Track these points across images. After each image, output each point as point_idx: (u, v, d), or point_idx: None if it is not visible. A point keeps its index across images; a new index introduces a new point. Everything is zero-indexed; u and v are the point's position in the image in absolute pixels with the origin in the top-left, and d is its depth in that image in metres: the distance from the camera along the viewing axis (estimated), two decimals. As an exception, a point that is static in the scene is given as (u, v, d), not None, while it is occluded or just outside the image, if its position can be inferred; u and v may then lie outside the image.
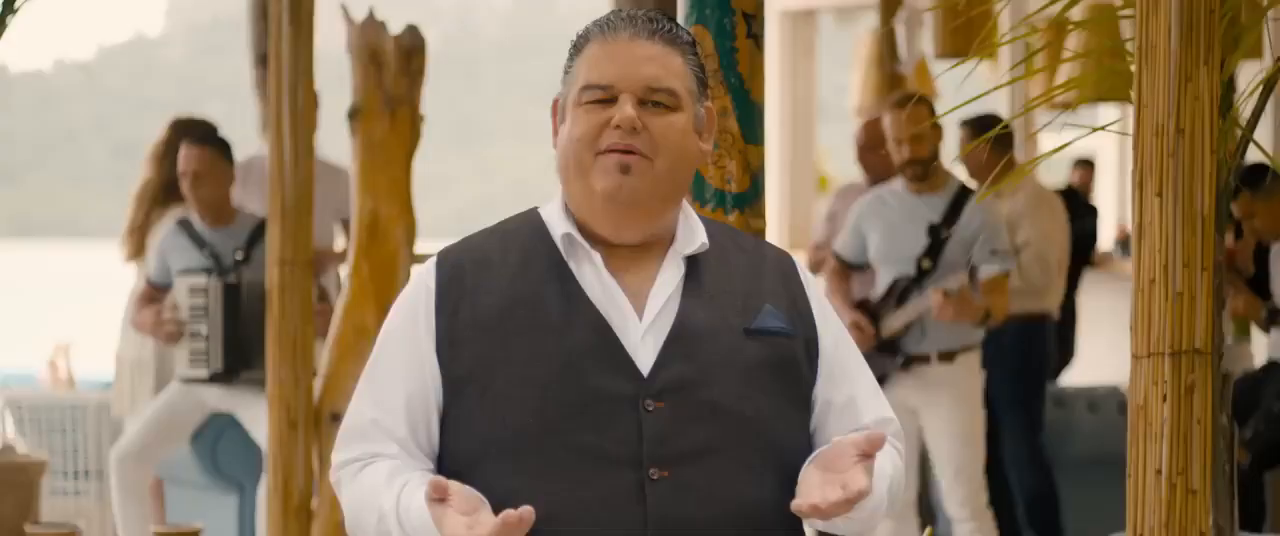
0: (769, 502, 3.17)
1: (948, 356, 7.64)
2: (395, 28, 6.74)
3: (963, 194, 7.67)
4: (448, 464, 3.21)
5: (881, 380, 7.62)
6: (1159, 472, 3.62)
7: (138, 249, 8.49)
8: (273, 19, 6.24)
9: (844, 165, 13.77)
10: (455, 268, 3.24)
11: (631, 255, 3.23)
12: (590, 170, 3.16)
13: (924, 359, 7.65)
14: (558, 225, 3.22)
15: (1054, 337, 9.09)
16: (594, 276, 3.19)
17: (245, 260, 7.80)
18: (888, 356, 7.69)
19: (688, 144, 3.22)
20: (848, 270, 7.98)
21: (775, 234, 15.11)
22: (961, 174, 8.24)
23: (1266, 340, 7.98)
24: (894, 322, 7.66)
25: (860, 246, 7.86)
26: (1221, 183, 3.92)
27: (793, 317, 3.27)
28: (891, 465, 3.28)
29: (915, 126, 7.48)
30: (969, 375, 7.70)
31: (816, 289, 3.36)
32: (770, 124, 15.76)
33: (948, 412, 7.64)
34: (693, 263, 3.24)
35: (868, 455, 3.06)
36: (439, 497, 3.00)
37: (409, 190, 6.67)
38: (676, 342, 3.17)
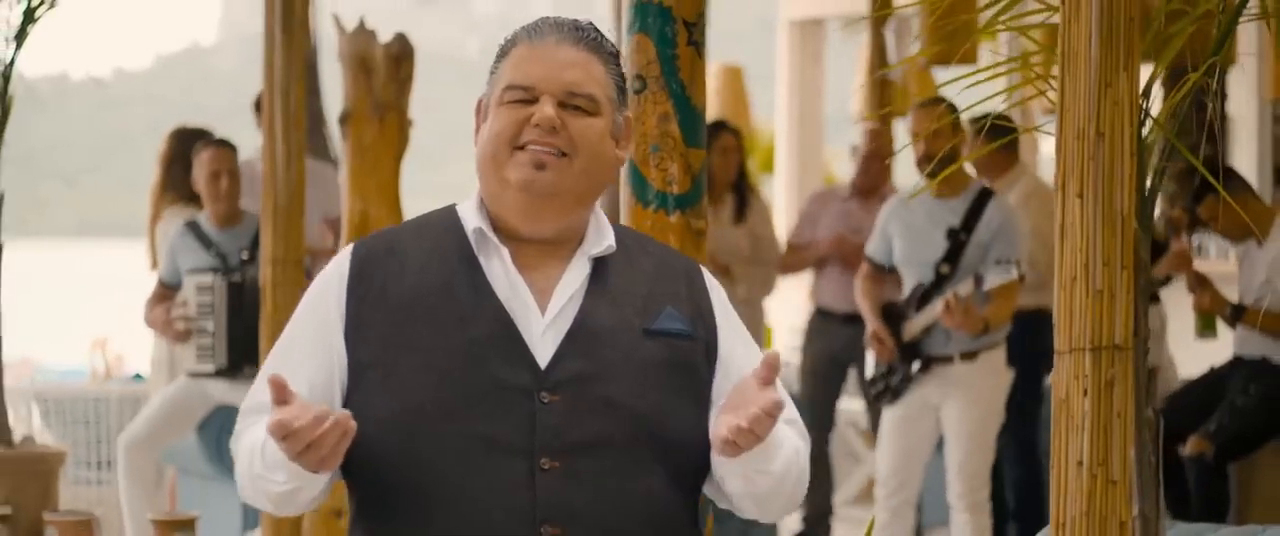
0: (658, 497, 3.16)
1: (970, 356, 7.62)
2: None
3: (982, 198, 7.63)
4: (350, 446, 3.10)
5: (906, 381, 7.69)
6: (1080, 463, 3.62)
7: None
8: (266, 27, 6.26)
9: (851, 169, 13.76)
10: (368, 255, 3.22)
11: (540, 253, 3.21)
12: (506, 164, 3.15)
13: (947, 359, 7.63)
14: (471, 220, 3.21)
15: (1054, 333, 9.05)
16: (501, 271, 3.18)
17: (250, 260, 7.83)
18: (912, 358, 7.68)
19: (604, 147, 3.21)
20: (879, 273, 7.95)
21: (784, 236, 15.10)
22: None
23: (1233, 335, 7.97)
24: (914, 326, 7.65)
25: (888, 249, 7.84)
26: (1148, 186, 3.91)
27: (694, 321, 3.24)
28: (792, 447, 3.23)
29: (932, 123, 7.43)
30: (990, 374, 7.64)
31: (722, 296, 3.34)
32: (780, 129, 15.78)
33: (962, 410, 7.62)
34: (599, 264, 3.22)
35: (768, 381, 3.03)
36: (281, 400, 2.96)
37: (397, 192, 6.67)
38: (576, 339, 3.15)
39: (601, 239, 3.23)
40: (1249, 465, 7.84)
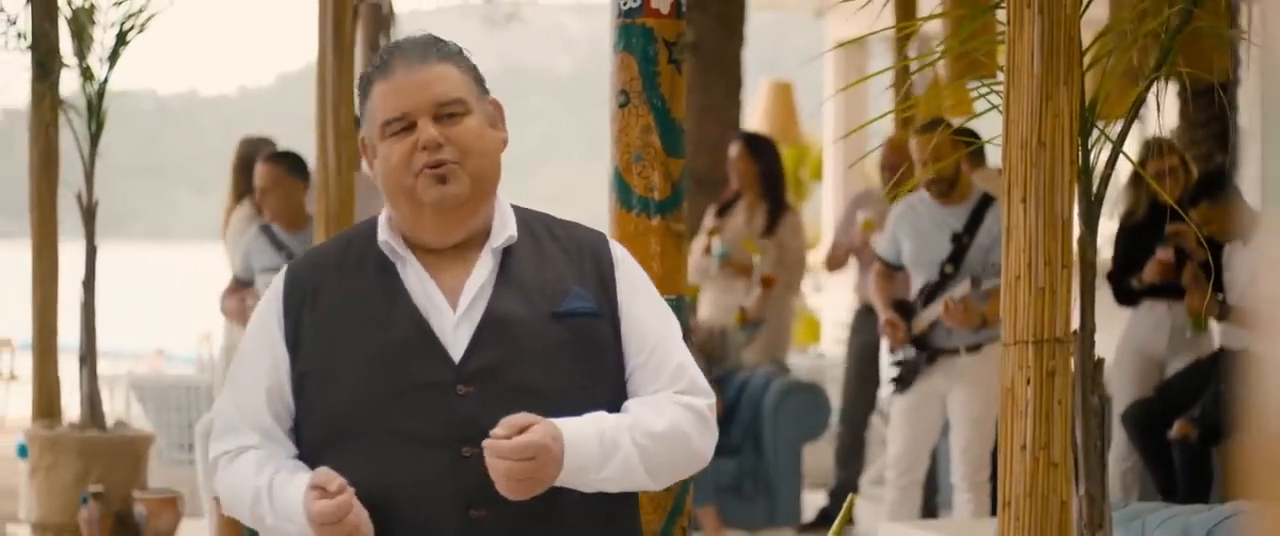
0: None
1: (974, 348, 7.63)
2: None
3: (984, 204, 7.63)
4: (302, 449, 3.21)
5: (914, 371, 7.68)
6: (1024, 447, 3.62)
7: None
8: (319, 49, 6.29)
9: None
10: (298, 277, 3.24)
11: (450, 254, 3.20)
12: (413, 190, 3.13)
13: (954, 351, 7.63)
14: (381, 234, 3.20)
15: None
16: (415, 276, 3.17)
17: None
18: (920, 350, 7.68)
19: (486, 140, 3.19)
20: (891, 271, 7.94)
21: (829, 239, 15.08)
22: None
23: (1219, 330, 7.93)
24: (921, 321, 7.65)
25: (897, 249, 7.84)
26: (1094, 191, 3.89)
27: (599, 297, 3.21)
28: (634, 445, 3.14)
29: (933, 148, 7.42)
30: (991, 364, 7.62)
31: (628, 265, 3.29)
32: (827, 140, 15.76)
33: (966, 398, 7.63)
34: (506, 254, 3.20)
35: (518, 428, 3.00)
36: (328, 493, 3.02)
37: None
38: (486, 331, 3.13)
39: (504, 230, 3.21)
40: (1231, 448, 7.81)
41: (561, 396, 3.12)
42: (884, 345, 7.98)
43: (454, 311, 3.15)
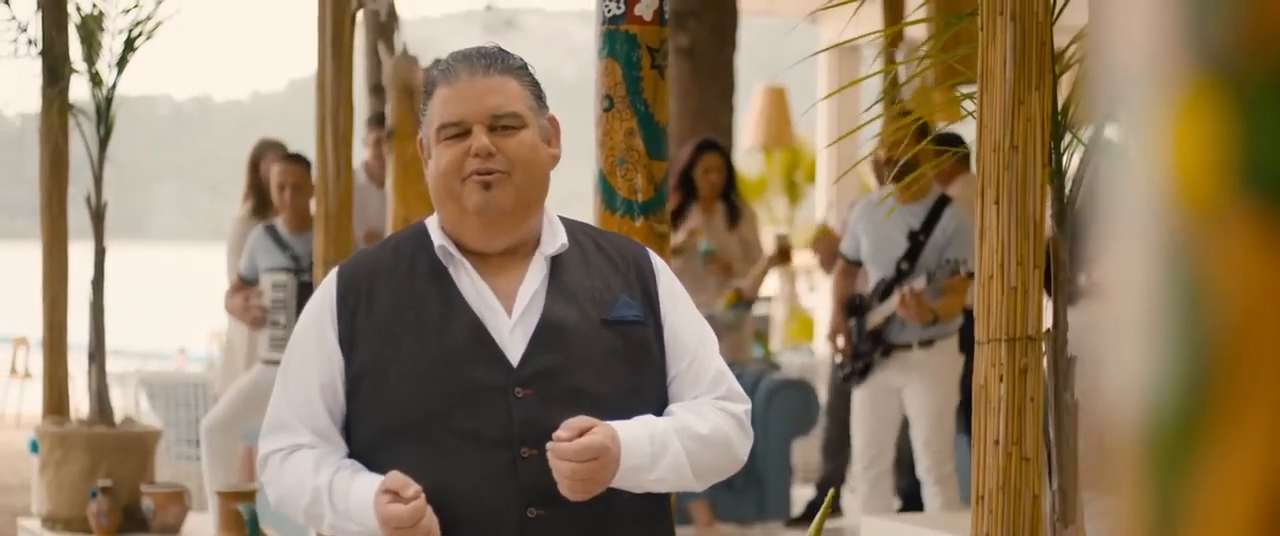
0: None
1: (927, 343, 7.62)
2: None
3: (941, 204, 7.63)
4: (353, 448, 3.21)
5: (869, 366, 7.70)
6: (997, 442, 3.61)
7: None
8: (318, 56, 6.29)
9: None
10: (352, 278, 3.23)
11: (501, 260, 3.21)
12: (460, 194, 3.14)
13: (907, 346, 7.63)
14: (436, 239, 3.21)
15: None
16: (469, 281, 3.18)
17: (322, 263, 7.90)
18: (875, 346, 7.69)
19: (538, 155, 3.21)
20: (852, 268, 7.96)
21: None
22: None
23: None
24: (877, 316, 7.66)
25: (857, 245, 7.86)
26: (1066, 193, 3.89)
27: (644, 305, 3.24)
28: (681, 448, 3.17)
29: (894, 131, 7.41)
30: (946, 359, 7.65)
31: (668, 275, 3.33)
32: (820, 144, 15.75)
33: (923, 392, 7.63)
34: (556, 263, 3.22)
35: (577, 430, 3.03)
36: (402, 499, 3.02)
37: (435, 202, 6.72)
38: (542, 335, 3.15)
39: (555, 239, 3.23)
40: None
41: (614, 400, 3.15)
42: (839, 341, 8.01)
43: (509, 316, 3.16)
